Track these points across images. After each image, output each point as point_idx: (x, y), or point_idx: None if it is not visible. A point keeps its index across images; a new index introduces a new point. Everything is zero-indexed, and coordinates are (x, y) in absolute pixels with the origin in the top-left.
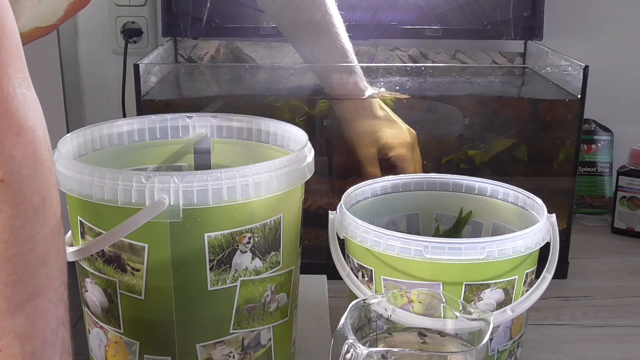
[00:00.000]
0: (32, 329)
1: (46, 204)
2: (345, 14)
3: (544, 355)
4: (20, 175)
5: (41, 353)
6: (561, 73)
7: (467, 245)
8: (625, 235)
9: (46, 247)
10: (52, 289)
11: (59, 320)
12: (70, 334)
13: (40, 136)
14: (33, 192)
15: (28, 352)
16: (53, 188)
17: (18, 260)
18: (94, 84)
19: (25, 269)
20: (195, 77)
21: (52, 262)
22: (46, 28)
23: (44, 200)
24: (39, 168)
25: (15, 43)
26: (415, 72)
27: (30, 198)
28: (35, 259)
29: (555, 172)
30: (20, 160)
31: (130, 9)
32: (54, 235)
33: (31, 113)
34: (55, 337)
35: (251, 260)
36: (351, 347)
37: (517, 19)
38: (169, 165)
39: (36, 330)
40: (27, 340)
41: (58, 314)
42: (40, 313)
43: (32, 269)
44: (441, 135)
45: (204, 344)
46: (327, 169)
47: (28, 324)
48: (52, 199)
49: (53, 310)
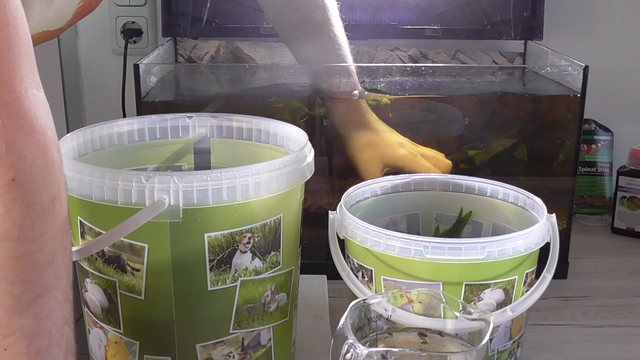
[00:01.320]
0: (39, 328)
1: (55, 204)
2: (345, 14)
3: (544, 355)
4: (32, 175)
5: (46, 352)
6: (561, 73)
7: (467, 245)
8: (625, 235)
9: (54, 246)
10: (59, 288)
11: (64, 320)
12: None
13: (51, 136)
14: (43, 191)
15: (33, 351)
16: (62, 188)
17: (27, 259)
18: (94, 84)
19: (33, 268)
20: (195, 77)
21: (59, 262)
22: (53, 32)
23: (53, 199)
24: (50, 168)
25: (27, 44)
26: (415, 72)
27: (40, 198)
28: (43, 258)
29: (555, 172)
30: (32, 160)
31: (130, 9)
32: (62, 234)
33: (42, 113)
34: (61, 336)
35: (251, 260)
36: (351, 347)
37: (517, 19)
38: (169, 165)
39: (42, 330)
40: (33, 339)
41: (64, 314)
42: (47, 312)
43: (41, 268)
44: (441, 135)
45: (204, 344)
46: (327, 169)
47: (35, 323)
48: (60, 199)
49: (59, 309)
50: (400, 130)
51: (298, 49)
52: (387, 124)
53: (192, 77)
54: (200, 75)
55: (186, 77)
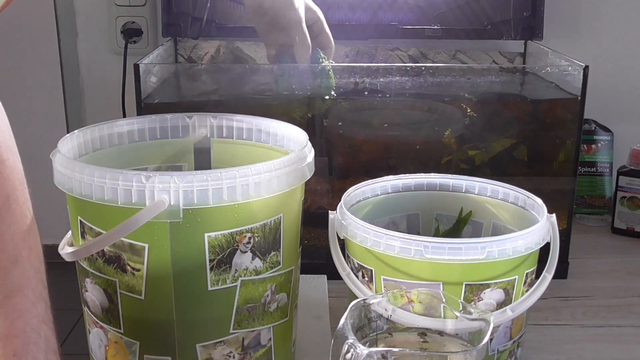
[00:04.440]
0: (12, 329)
1: (10, 203)
2: (345, 14)
3: (544, 355)
4: None
5: (24, 352)
6: (561, 73)
7: (467, 245)
8: (625, 235)
9: (16, 246)
10: (29, 287)
11: (39, 319)
12: (55, 332)
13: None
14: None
15: (10, 352)
16: (18, 187)
17: None
18: (94, 84)
19: None
20: (195, 77)
21: (25, 261)
22: None
23: (7, 198)
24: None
25: None
26: (415, 72)
27: None
28: (6, 258)
29: (556, 172)
30: None
31: (130, 9)
32: (24, 234)
33: None
34: (38, 335)
35: (251, 260)
36: (351, 347)
37: (517, 19)
38: (169, 165)
39: (16, 330)
40: (8, 340)
41: (38, 313)
42: (19, 312)
43: (4, 268)
44: (441, 135)
45: (204, 344)
46: (327, 169)
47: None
48: (17, 198)
49: (32, 309)
50: (401, 130)
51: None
52: (387, 124)
53: (192, 77)
54: (200, 75)
55: (186, 77)
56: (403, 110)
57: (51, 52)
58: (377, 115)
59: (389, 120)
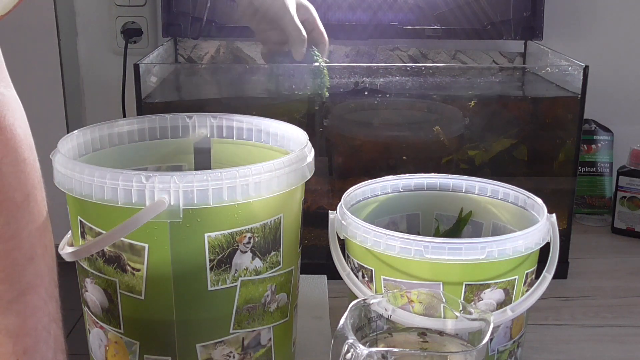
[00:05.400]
0: (24, 327)
1: (30, 201)
2: (345, 14)
3: (544, 355)
4: (2, 173)
5: (34, 350)
6: (561, 73)
7: (467, 245)
8: (625, 235)
9: (33, 244)
10: (42, 285)
11: (50, 318)
12: (64, 332)
13: (21, 134)
14: (15, 189)
15: (20, 350)
16: (37, 186)
17: (5, 258)
18: (94, 84)
19: (13, 266)
20: (195, 77)
21: (39, 259)
22: None
23: (27, 197)
24: (20, 165)
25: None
26: (415, 72)
27: (12, 195)
28: (22, 255)
29: (556, 172)
30: (1, 158)
31: (130, 9)
32: (40, 232)
33: (10, 112)
34: (48, 334)
35: (251, 260)
36: (351, 347)
37: (517, 19)
38: (169, 165)
39: (28, 328)
40: (19, 338)
41: (49, 311)
42: (31, 310)
43: (20, 266)
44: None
45: (204, 344)
46: (327, 169)
47: (19, 321)
48: (35, 197)
49: (44, 307)
50: (401, 130)
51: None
52: (387, 124)
53: (192, 77)
54: (200, 75)
55: (186, 77)
56: (403, 110)
57: (51, 52)
58: (377, 115)
59: (389, 120)
